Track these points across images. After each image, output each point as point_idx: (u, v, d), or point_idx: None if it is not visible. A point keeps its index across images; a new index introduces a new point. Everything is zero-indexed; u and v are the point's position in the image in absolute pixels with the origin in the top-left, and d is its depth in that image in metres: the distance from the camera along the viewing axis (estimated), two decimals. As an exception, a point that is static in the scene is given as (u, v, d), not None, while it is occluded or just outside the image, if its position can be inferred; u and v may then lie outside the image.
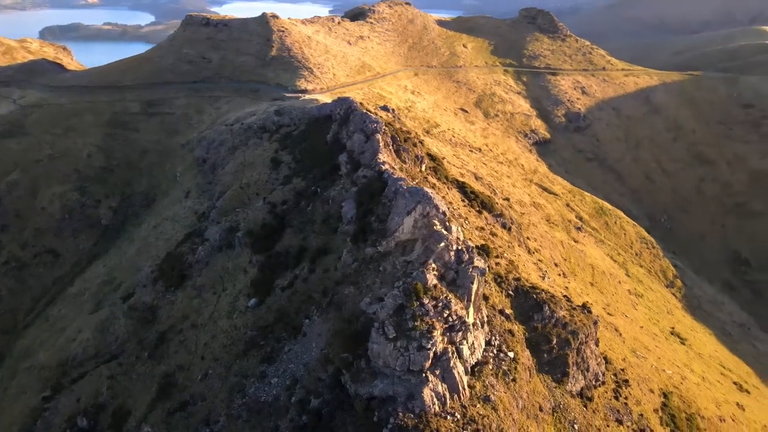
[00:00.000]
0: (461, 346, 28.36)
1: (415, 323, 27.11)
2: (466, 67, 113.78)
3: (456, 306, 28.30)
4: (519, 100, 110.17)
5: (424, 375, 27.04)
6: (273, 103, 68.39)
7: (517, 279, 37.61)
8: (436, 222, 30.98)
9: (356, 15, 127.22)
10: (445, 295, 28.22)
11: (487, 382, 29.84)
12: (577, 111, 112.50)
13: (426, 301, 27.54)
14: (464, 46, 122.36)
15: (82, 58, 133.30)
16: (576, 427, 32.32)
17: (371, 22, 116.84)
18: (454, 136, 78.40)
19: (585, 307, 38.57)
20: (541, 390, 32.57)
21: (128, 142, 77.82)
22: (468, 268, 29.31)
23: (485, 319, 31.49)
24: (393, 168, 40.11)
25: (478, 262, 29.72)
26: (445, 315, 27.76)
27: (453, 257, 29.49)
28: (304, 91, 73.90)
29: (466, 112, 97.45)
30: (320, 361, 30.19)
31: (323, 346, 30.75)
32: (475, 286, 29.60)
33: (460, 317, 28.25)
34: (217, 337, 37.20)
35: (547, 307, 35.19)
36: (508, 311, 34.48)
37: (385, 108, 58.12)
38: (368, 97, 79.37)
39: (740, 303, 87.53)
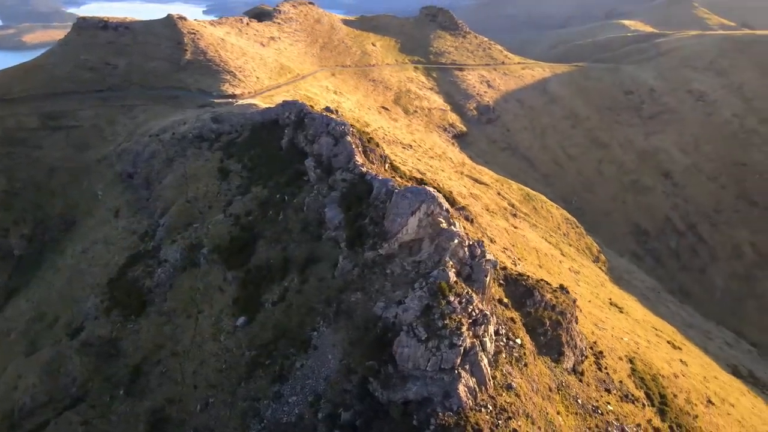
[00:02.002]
0: (484, 339, 29.01)
1: (445, 321, 27.34)
2: (379, 66, 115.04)
3: (476, 300, 28.88)
4: (433, 96, 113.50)
5: (456, 372, 27.38)
6: (204, 110, 64.64)
7: (504, 268, 39.01)
8: (441, 220, 31.30)
9: (258, 15, 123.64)
10: (466, 290, 28.71)
11: (504, 370, 30.82)
12: (487, 104, 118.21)
13: (452, 298, 27.82)
14: (373, 44, 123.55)
15: None
16: (579, 401, 34.32)
17: (279, 23, 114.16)
18: (386, 135, 79.09)
19: (563, 288, 40.96)
20: (545, 371, 34.17)
21: (31, 161, 69.69)
22: (482, 262, 30.01)
23: (493, 310, 32.43)
24: (369, 169, 39.84)
25: (490, 256, 30.48)
26: (469, 310, 28.25)
27: (467, 253, 30.00)
28: (233, 96, 70.58)
29: (388, 110, 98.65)
30: (341, 372, 29.34)
31: (341, 357, 29.92)
32: (488, 279, 30.40)
33: (481, 311, 28.89)
34: (207, 363, 34.77)
35: (537, 293, 36.88)
36: (505, 300, 35.72)
37: (328, 109, 57.33)
38: (297, 98, 77.50)
39: (646, 270, 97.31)
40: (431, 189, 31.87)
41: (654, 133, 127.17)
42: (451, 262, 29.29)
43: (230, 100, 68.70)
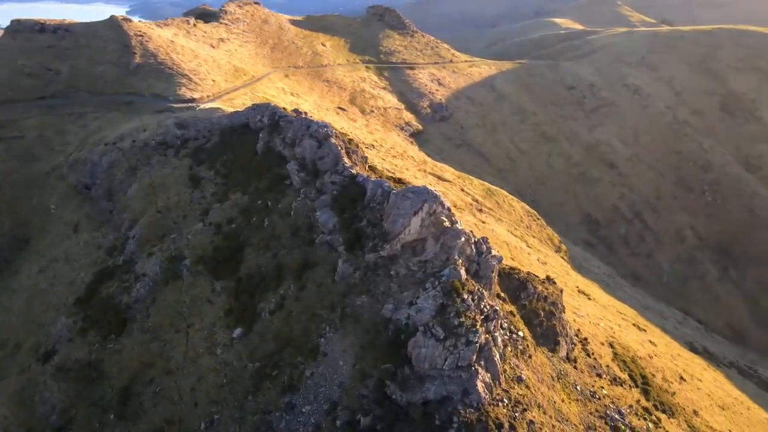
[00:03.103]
0: (495, 334, 29.49)
1: (461, 319, 27.63)
2: (331, 66, 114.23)
3: (487, 296, 29.31)
4: (387, 95, 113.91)
5: (473, 369, 27.74)
6: (164, 116, 61.92)
7: (495, 263, 39.70)
8: (444, 219, 31.52)
9: (202, 15, 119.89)
10: (477, 287, 29.08)
11: (512, 363, 31.45)
12: (439, 102, 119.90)
13: (465, 296, 28.11)
14: (323, 45, 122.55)
15: None
16: (578, 388, 35.49)
17: (226, 24, 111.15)
18: (348, 136, 78.58)
19: (549, 279, 42.21)
20: (545, 361, 35.09)
21: (-31, 177, 64.58)
22: (488, 259, 30.47)
23: (498, 305, 32.99)
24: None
25: (494, 252, 30.98)
26: (482, 306, 28.65)
27: (474, 250, 30.36)
28: (192, 101, 68.06)
29: (345, 110, 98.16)
30: (356, 377, 29.02)
31: (354, 362, 29.58)
32: (494, 275, 30.90)
33: (491, 306, 29.37)
34: (206, 379, 33.47)
35: (530, 285, 37.82)
36: (503, 294, 36.42)
37: (297, 111, 56.45)
38: (257, 101, 75.75)
39: (599, 257, 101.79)
40: (432, 188, 32.01)
41: (596, 126, 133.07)
42: (460, 260, 29.56)
43: (190, 104, 66.23)
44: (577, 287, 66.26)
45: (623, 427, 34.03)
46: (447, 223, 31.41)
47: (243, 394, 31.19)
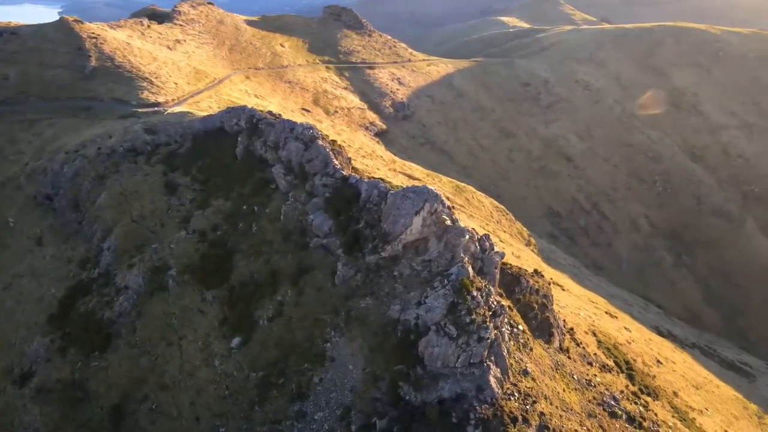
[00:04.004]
0: (503, 329, 29.90)
1: (472, 317, 27.89)
2: (292, 67, 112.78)
3: (494, 292, 29.68)
4: (349, 96, 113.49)
5: (485, 365, 28.08)
6: (129, 121, 59.45)
7: (488, 259, 40.21)
8: (445, 217, 31.69)
9: (153, 16, 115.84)
10: (484, 284, 29.38)
11: (516, 357, 32.01)
12: (401, 101, 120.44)
13: (475, 293, 28.36)
14: (282, 45, 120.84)
15: None
16: (575, 377, 36.44)
17: (181, 24, 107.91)
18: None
19: (537, 273, 43.11)
20: (543, 353, 35.85)
21: None
22: (491, 255, 30.85)
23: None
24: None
25: (497, 248, 31.40)
26: (490, 302, 28.98)
27: (478, 247, 30.65)
28: (157, 105, 65.57)
29: (309, 111, 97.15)
30: (367, 381, 28.83)
31: (364, 365, 29.36)
32: (497, 271, 31.31)
33: (498, 302, 29.77)
34: (206, 391, 32.42)
35: (523, 279, 38.50)
36: (499, 289, 36.94)
37: (271, 113, 55.50)
38: (222, 104, 73.97)
39: (563, 249, 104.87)
40: (432, 187, 32.12)
41: (552, 121, 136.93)
42: (466, 258, 29.80)
43: (156, 108, 63.82)
44: (551, 279, 67.79)
45: (620, 412, 35.22)
46: (448, 222, 31.60)
47: (249, 404, 30.41)
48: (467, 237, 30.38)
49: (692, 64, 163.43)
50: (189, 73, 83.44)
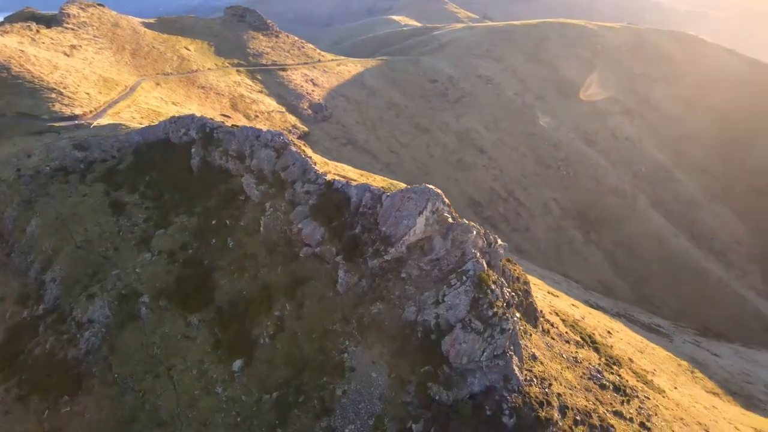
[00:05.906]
0: (515, 318, 30.96)
1: (493, 310, 28.59)
2: (202, 71, 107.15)
3: (505, 284, 30.62)
4: (266, 99, 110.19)
5: (507, 355, 28.98)
6: (53, 137, 53.19)
7: (469, 253, 41.20)
8: (447, 215, 32.12)
9: (35, 19, 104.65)
10: (498, 277, 30.20)
11: (523, 344, 33.25)
12: (318, 102, 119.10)
13: (493, 287, 29.09)
14: (187, 48, 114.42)
15: None
16: (564, 356, 38.55)
17: (73, 29, 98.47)
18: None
19: (511, 261, 44.89)
20: (537, 338, 37.60)
21: None
22: (497, 248, 31.74)
23: (498, 291, 34.46)
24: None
25: (500, 241, 32.34)
26: (505, 294, 29.88)
27: (485, 242, 31.38)
28: (74, 117, 59.03)
29: (229, 117, 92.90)
30: (394, 386, 28.58)
31: (388, 371, 29.04)
32: (501, 263, 32.29)
33: (510, 293, 30.73)
34: (214, 421, 30.28)
35: (507, 269, 39.99)
36: (491, 281, 38.04)
37: (225, 116, 52.86)
38: (144, 113, 68.62)
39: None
40: (431, 186, 32.39)
41: (462, 115, 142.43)
42: (478, 253, 30.41)
43: (75, 122, 57.62)
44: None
45: (607, 383, 37.83)
46: (450, 219, 32.05)
47: (268, 428, 28.88)
48: (474, 233, 31.02)
49: (574, 56, 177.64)
50: (97, 81, 76.45)
